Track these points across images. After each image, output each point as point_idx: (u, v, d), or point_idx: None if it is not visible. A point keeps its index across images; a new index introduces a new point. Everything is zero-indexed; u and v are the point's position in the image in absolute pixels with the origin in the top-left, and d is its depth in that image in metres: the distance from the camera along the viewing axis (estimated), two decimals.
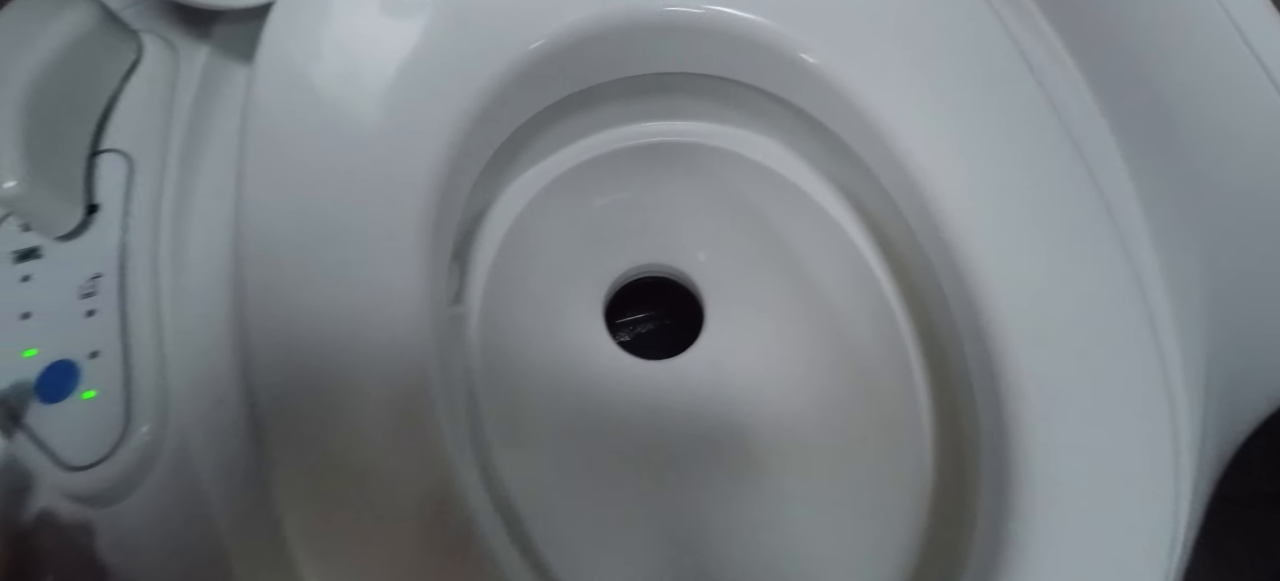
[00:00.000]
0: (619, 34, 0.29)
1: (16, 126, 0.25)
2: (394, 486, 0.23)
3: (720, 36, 0.29)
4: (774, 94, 0.31)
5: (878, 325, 0.35)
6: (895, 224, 0.32)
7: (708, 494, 0.35)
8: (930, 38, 0.28)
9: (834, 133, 0.30)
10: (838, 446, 0.35)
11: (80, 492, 0.25)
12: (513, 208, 0.39)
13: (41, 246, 0.28)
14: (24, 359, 0.26)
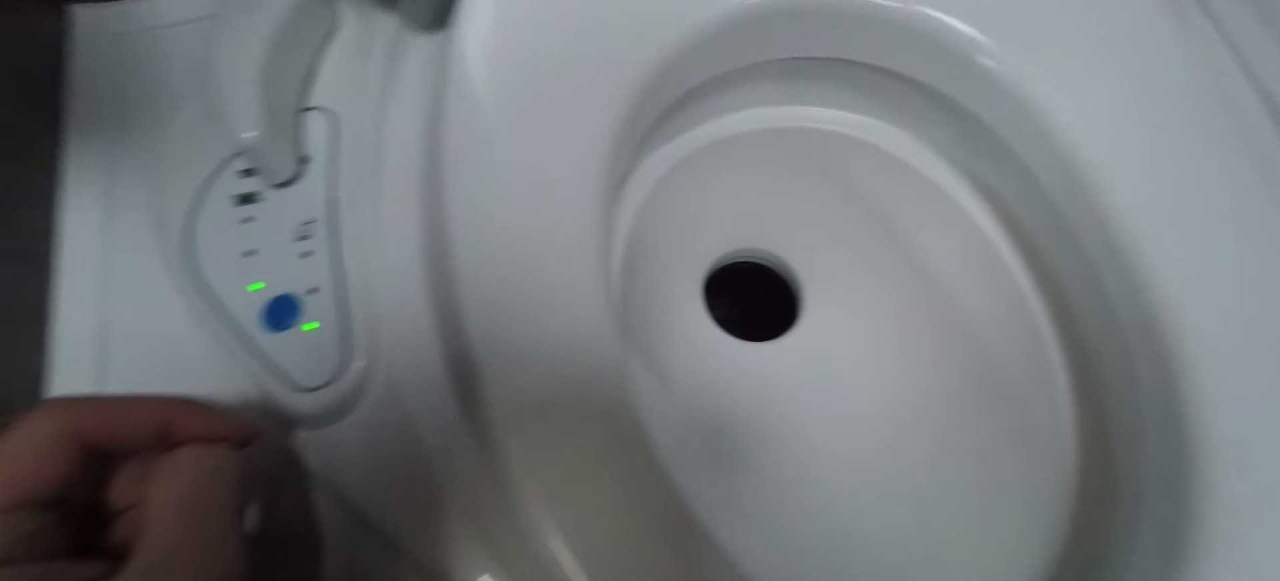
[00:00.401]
0: (815, 15, 0.30)
1: (258, 85, 0.28)
2: (586, 409, 0.26)
3: (904, 31, 0.30)
4: (939, 90, 0.32)
5: (1014, 332, 0.35)
6: (1050, 229, 0.32)
7: (797, 479, 0.36)
8: (1115, 40, 0.29)
9: (993, 131, 0.31)
10: (956, 447, 0.35)
11: (305, 411, 0.28)
12: (650, 178, 0.41)
13: (259, 192, 0.31)
14: (250, 291, 0.29)
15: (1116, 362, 0.28)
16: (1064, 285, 0.33)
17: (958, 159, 0.37)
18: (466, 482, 0.27)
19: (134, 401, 0.22)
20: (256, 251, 0.30)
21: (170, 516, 0.20)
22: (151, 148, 0.33)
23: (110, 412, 0.21)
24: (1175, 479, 0.24)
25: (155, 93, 0.35)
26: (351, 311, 0.29)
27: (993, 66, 0.28)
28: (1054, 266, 0.33)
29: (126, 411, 0.21)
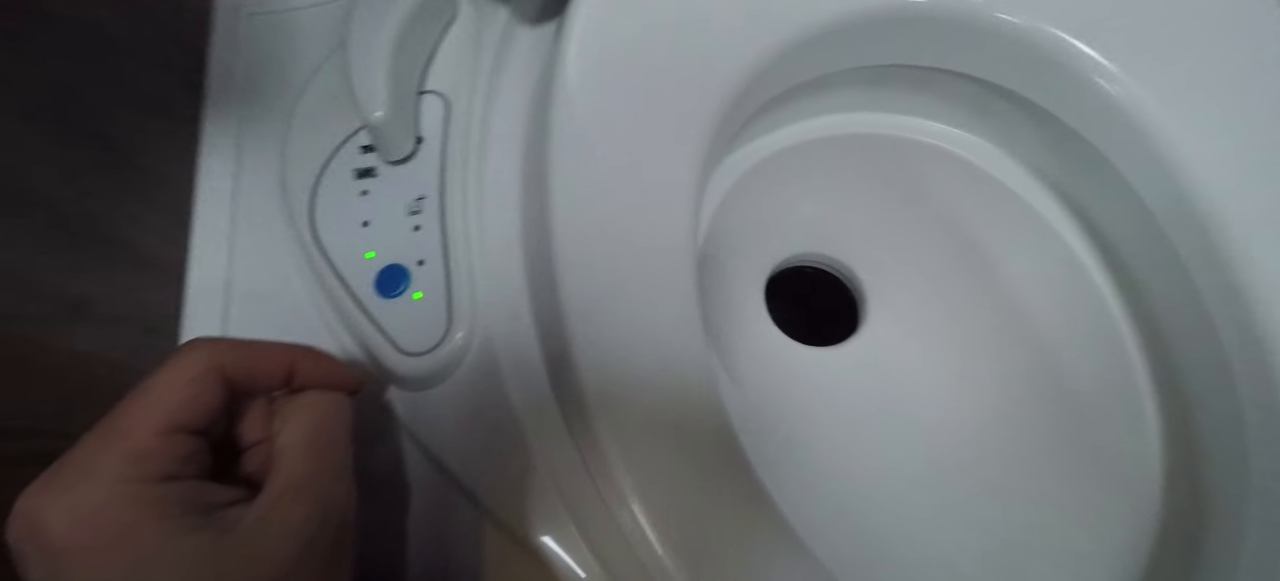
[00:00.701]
0: (931, 23, 0.30)
1: (387, 68, 0.30)
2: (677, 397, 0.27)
3: (1022, 47, 0.30)
4: (1042, 106, 0.32)
5: (1098, 354, 0.35)
6: (1148, 252, 0.32)
7: (845, 486, 0.36)
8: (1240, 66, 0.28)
9: (1098, 150, 0.31)
10: (1021, 467, 0.34)
11: (406, 374, 0.30)
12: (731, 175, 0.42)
13: (377, 168, 0.33)
14: (365, 259, 0.32)
15: (1215, 387, 0.28)
16: (1157, 308, 0.32)
17: (1051, 176, 0.37)
18: (552, 451, 0.29)
19: (268, 345, 0.24)
20: (371, 223, 0.32)
21: (299, 450, 0.22)
22: (280, 119, 0.35)
23: (249, 353, 0.23)
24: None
25: (285, 70, 0.38)
26: (454, 285, 0.31)
27: (1110, 90, 0.28)
28: (1148, 290, 0.33)
29: (263, 353, 0.24)
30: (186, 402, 0.21)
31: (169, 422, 0.20)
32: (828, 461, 0.37)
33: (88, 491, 0.18)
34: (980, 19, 0.29)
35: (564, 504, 0.28)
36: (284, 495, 0.21)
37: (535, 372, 0.30)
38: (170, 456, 0.20)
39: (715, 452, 0.26)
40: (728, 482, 0.26)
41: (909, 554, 0.34)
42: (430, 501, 0.30)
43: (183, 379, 0.21)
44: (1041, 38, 0.29)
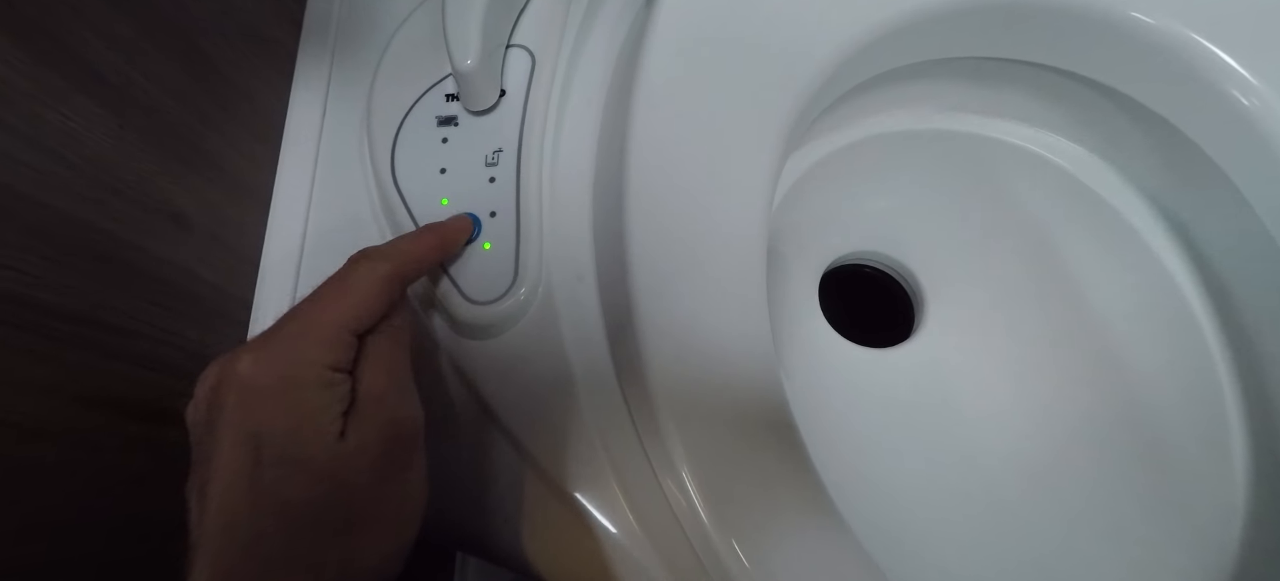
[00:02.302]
0: (1063, 16, 0.28)
1: (481, 17, 0.31)
2: (740, 383, 0.26)
3: (1152, 50, 0.28)
4: (1157, 113, 0.30)
5: (1187, 390, 0.33)
6: (1261, 281, 0.29)
7: (917, 487, 0.35)
8: None
9: (1217, 165, 0.28)
10: (1079, 499, 0.33)
11: (472, 321, 0.30)
12: (805, 162, 0.41)
13: (458, 116, 0.34)
14: (441, 205, 0.32)
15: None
16: (1264, 347, 0.30)
17: (1152, 189, 0.34)
18: (602, 412, 0.29)
19: (420, 240, 0.28)
20: (448, 170, 0.33)
21: (375, 372, 0.24)
22: (371, 60, 0.36)
23: (414, 260, 0.27)
24: None
25: (379, 12, 0.39)
26: (524, 240, 0.31)
27: (1245, 102, 0.26)
28: (1254, 324, 0.30)
29: (420, 253, 0.27)
30: (368, 310, 0.24)
31: (354, 324, 0.24)
32: (862, 463, 0.36)
33: (285, 359, 0.22)
34: (1112, 15, 0.27)
35: (609, 462, 0.28)
36: (370, 398, 0.24)
37: (594, 334, 0.30)
38: (346, 350, 0.23)
39: (773, 439, 0.26)
40: (783, 469, 0.25)
41: (939, 565, 0.33)
42: (482, 451, 0.31)
43: (367, 287, 0.24)
44: (1176, 40, 0.27)
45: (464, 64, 0.31)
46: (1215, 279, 0.32)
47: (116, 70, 0.25)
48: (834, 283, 0.44)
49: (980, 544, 0.34)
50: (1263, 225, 0.27)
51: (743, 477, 0.25)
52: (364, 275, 0.24)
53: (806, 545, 0.25)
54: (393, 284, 0.25)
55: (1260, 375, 0.29)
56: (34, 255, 0.23)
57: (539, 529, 0.29)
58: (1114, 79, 0.30)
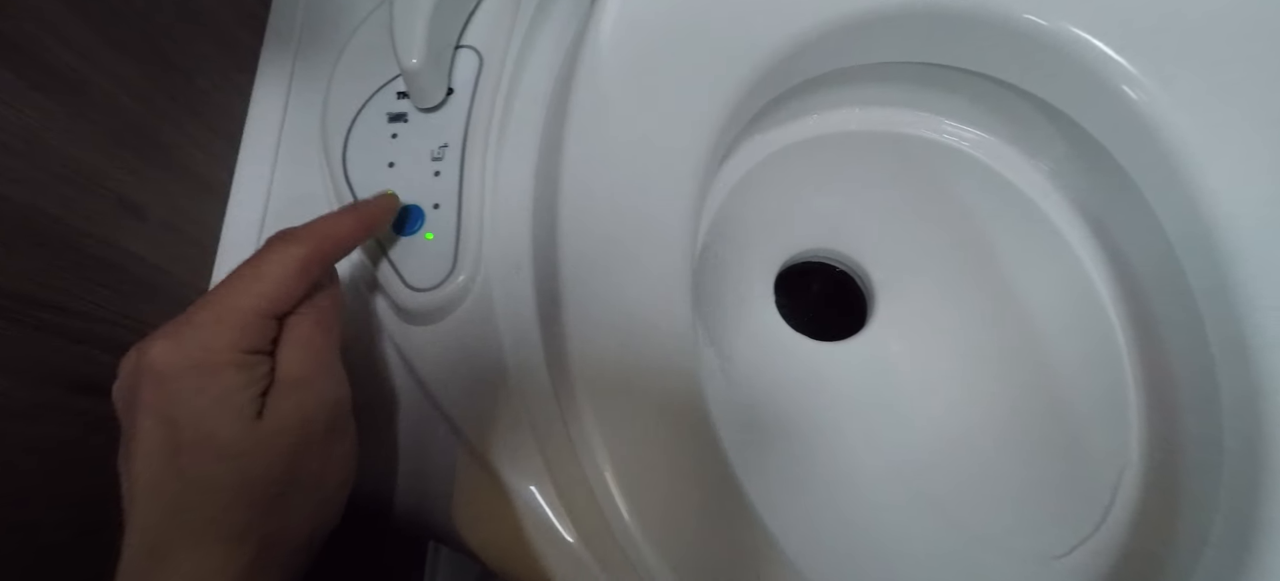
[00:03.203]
0: (959, 21, 0.30)
1: (427, 18, 0.32)
2: (657, 368, 0.28)
3: (1048, 51, 0.29)
4: (1067, 113, 0.31)
5: (1095, 370, 0.34)
6: (1158, 269, 0.31)
7: (853, 475, 0.36)
8: (1261, 82, 0.27)
9: (1118, 162, 0.30)
10: (997, 479, 0.34)
11: (412, 307, 0.32)
12: (748, 161, 0.42)
13: (408, 113, 0.35)
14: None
15: (1206, 438, 0.27)
16: (1167, 346, 0.31)
17: (1074, 190, 0.36)
18: (535, 401, 0.30)
19: (339, 220, 0.28)
20: (396, 164, 0.34)
21: (295, 353, 0.25)
22: (329, 62, 0.38)
23: (333, 242, 0.27)
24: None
25: (343, 11, 0.40)
26: (464, 230, 0.33)
27: (1137, 99, 0.27)
28: (1157, 323, 0.31)
29: (340, 233, 0.28)
30: (283, 293, 0.25)
31: (268, 308, 0.24)
32: (820, 451, 0.38)
33: (197, 345, 0.23)
34: (1008, 18, 0.29)
35: (536, 443, 0.30)
36: (290, 381, 0.25)
37: (528, 323, 0.32)
38: (262, 333, 0.24)
39: (688, 429, 0.27)
40: (697, 460, 0.27)
41: (882, 543, 0.35)
42: (419, 429, 0.32)
43: (283, 271, 0.25)
44: (1068, 40, 0.28)
45: (409, 63, 0.32)
46: (1128, 274, 0.33)
47: (72, 69, 0.27)
48: (793, 278, 0.46)
49: (909, 514, 0.35)
50: (1159, 222, 0.28)
51: (653, 459, 0.27)
52: (278, 258, 0.25)
53: (711, 528, 0.26)
54: (310, 265, 0.26)
55: (1162, 366, 0.31)
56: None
57: (469, 504, 0.30)
58: (1027, 82, 0.31)
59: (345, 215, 0.29)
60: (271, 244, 0.26)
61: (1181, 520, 0.26)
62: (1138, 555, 0.29)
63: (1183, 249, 0.27)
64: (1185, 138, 0.26)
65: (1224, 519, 0.24)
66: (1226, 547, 0.23)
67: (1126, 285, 0.33)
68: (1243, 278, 0.25)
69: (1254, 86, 0.27)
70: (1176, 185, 0.27)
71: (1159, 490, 0.29)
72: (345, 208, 0.30)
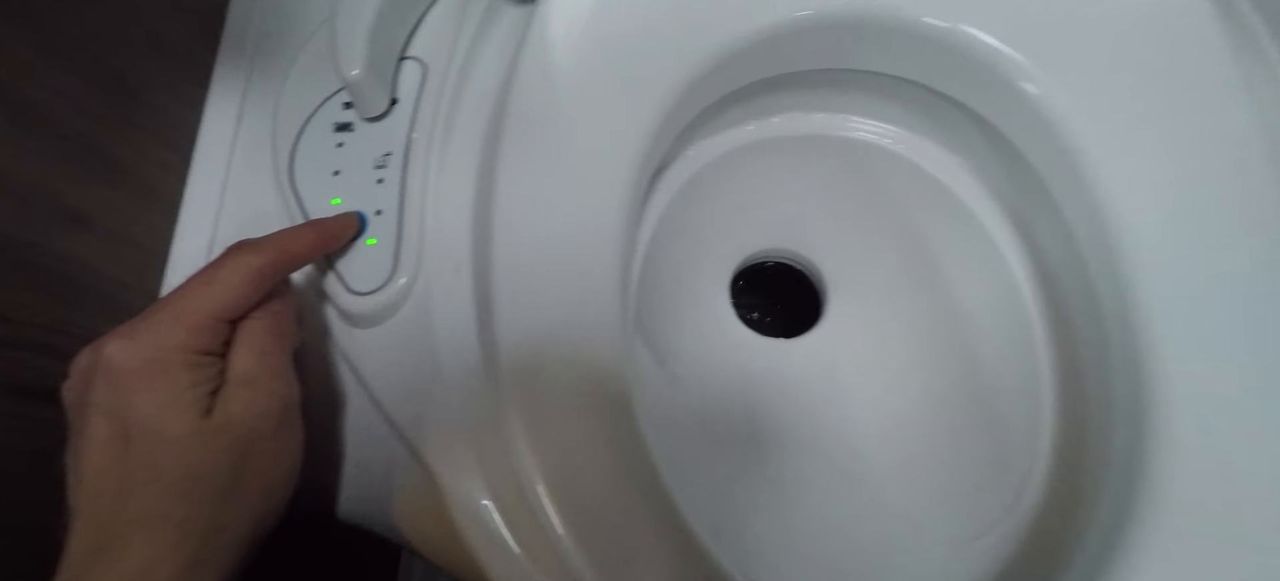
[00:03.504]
0: (862, 28, 0.31)
1: (367, 30, 0.33)
2: (583, 369, 0.29)
3: (954, 53, 0.30)
4: (979, 113, 0.32)
5: (1014, 355, 0.36)
6: (1065, 260, 0.32)
7: (799, 462, 0.37)
8: (1155, 78, 0.28)
9: (1028, 160, 0.31)
10: (931, 460, 0.36)
11: (353, 311, 0.33)
12: (690, 167, 0.43)
13: (354, 123, 0.36)
14: (332, 204, 0.35)
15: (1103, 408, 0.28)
16: (1077, 334, 0.32)
17: (995, 186, 0.37)
18: (471, 402, 0.31)
19: (298, 235, 0.30)
20: (341, 172, 0.35)
21: (245, 354, 0.27)
22: (282, 73, 0.39)
23: (287, 253, 0.28)
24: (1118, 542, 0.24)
25: (298, 25, 0.42)
26: (405, 235, 0.34)
27: (1036, 94, 0.28)
28: (1070, 312, 0.33)
29: (298, 247, 0.29)
30: (237, 298, 0.26)
31: (221, 312, 0.26)
32: (770, 445, 0.39)
33: (151, 345, 0.24)
34: (909, 22, 0.30)
35: (472, 442, 0.30)
36: (242, 381, 0.26)
37: (466, 325, 0.33)
38: (214, 335, 0.26)
39: (618, 433, 0.28)
40: (626, 464, 0.28)
41: (820, 531, 0.36)
42: (364, 429, 0.33)
43: (237, 278, 0.26)
44: (965, 40, 0.29)
45: (350, 73, 0.33)
46: (1044, 267, 0.34)
47: (13, 84, 0.28)
48: (750, 278, 0.47)
49: (850, 511, 0.36)
50: (1062, 214, 0.29)
51: (582, 463, 0.27)
52: (235, 266, 0.27)
53: (632, 525, 0.27)
54: (265, 275, 0.27)
55: (1073, 357, 0.32)
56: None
57: (408, 501, 0.31)
58: (938, 83, 0.32)
59: (305, 230, 0.31)
60: (230, 252, 0.27)
61: (1081, 507, 0.27)
62: (1043, 536, 0.29)
63: (1086, 242, 0.28)
64: (1083, 132, 0.27)
65: (1108, 509, 0.25)
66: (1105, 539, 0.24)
67: (1043, 277, 0.34)
68: (1137, 274, 0.26)
69: (1144, 83, 0.28)
70: (1076, 178, 0.28)
71: (1064, 478, 0.30)
72: (306, 223, 0.32)
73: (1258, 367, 0.25)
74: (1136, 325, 0.25)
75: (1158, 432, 0.24)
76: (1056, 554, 0.27)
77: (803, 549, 0.36)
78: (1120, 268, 0.26)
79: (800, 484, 0.38)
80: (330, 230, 0.32)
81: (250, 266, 0.27)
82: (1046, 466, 0.31)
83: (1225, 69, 0.27)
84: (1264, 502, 0.23)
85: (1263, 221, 0.25)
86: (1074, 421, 0.31)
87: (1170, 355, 0.25)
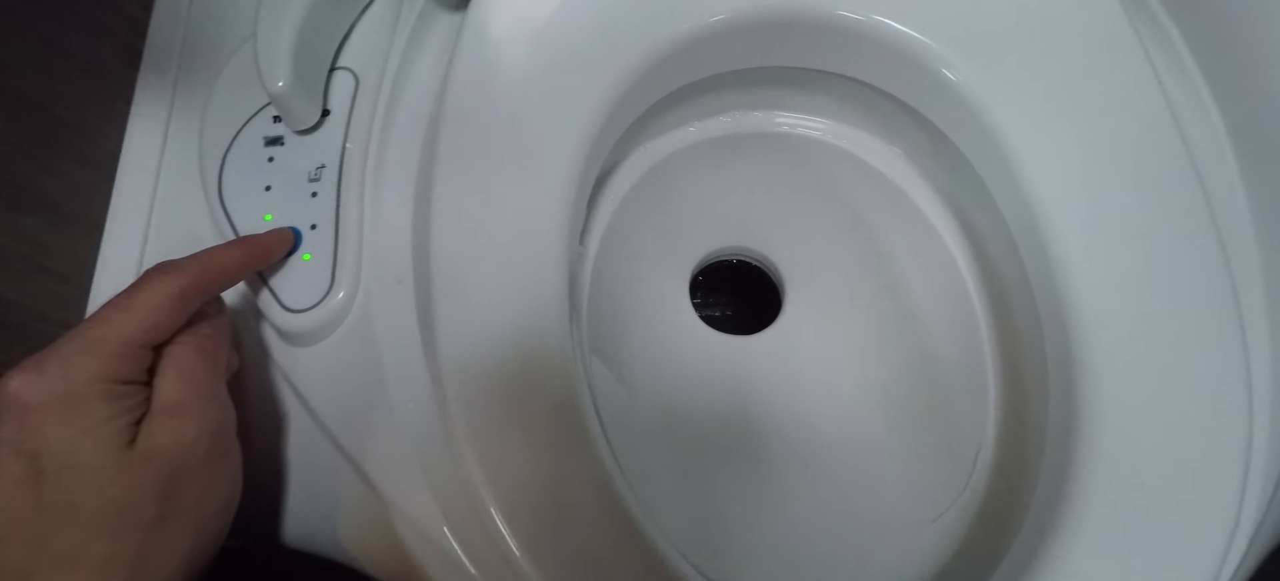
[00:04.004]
0: (783, 26, 0.32)
1: (290, 42, 0.32)
2: (527, 373, 0.28)
3: (873, 44, 0.31)
4: (907, 103, 0.33)
5: (960, 339, 0.37)
6: (999, 241, 0.33)
7: (764, 457, 0.38)
8: (1070, 60, 0.29)
9: (957, 146, 0.32)
10: (889, 448, 0.36)
11: (290, 329, 0.32)
12: (636, 171, 0.43)
13: (285, 136, 0.35)
14: (264, 221, 0.34)
15: (1040, 383, 0.28)
16: (1015, 320, 0.33)
17: (932, 175, 0.38)
18: (416, 415, 0.31)
19: (223, 252, 0.29)
20: (273, 187, 0.34)
21: (169, 381, 0.26)
22: (208, 88, 0.38)
23: (210, 274, 0.27)
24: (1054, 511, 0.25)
25: (221, 42, 0.40)
26: (341, 248, 0.33)
27: (957, 81, 0.29)
28: (1008, 297, 0.34)
29: (224, 264, 0.28)
30: (157, 325, 0.25)
31: (140, 338, 0.25)
32: (732, 441, 0.39)
33: (62, 377, 0.23)
34: (824, 17, 0.30)
35: (417, 456, 0.30)
36: (168, 408, 0.25)
37: (409, 334, 0.32)
38: (133, 362, 0.25)
39: (568, 441, 0.28)
40: (581, 478, 0.27)
41: (786, 524, 0.36)
42: (308, 450, 0.32)
43: (157, 301, 0.25)
44: (883, 31, 0.30)
45: (274, 86, 0.32)
46: (983, 254, 0.35)
47: None
48: (711, 276, 0.47)
49: (813, 502, 0.37)
50: (992, 198, 0.30)
51: (533, 472, 0.27)
52: (154, 289, 0.25)
53: (591, 536, 0.26)
54: (187, 296, 0.26)
55: (1014, 344, 0.33)
56: None
57: (355, 522, 0.30)
58: (866, 75, 0.33)
59: (231, 248, 0.29)
60: (147, 275, 0.26)
61: (1024, 482, 0.28)
62: (992, 513, 0.30)
63: (1015, 225, 0.29)
64: (1005, 117, 0.28)
65: (1041, 492, 0.26)
66: (1040, 520, 0.25)
67: (982, 261, 0.35)
68: (1063, 255, 0.27)
69: (1058, 69, 0.29)
70: (1003, 163, 0.28)
71: (1009, 456, 0.31)
72: (234, 240, 0.31)
73: (1176, 336, 0.26)
74: (1065, 304, 0.26)
75: (1088, 407, 0.25)
76: (1004, 529, 0.28)
77: (767, 543, 0.36)
78: (1048, 249, 0.27)
79: (765, 480, 0.38)
80: (261, 246, 0.31)
81: (170, 288, 0.26)
82: (993, 446, 0.32)
83: (1133, 55, 0.28)
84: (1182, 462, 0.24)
85: (1175, 200, 0.27)
86: (1015, 402, 0.32)
87: (1097, 332, 0.26)
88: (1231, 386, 0.25)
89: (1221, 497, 0.23)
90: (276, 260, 0.32)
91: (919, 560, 0.33)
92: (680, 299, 0.42)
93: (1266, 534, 0.25)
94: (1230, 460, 0.24)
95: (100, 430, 0.23)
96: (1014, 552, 0.26)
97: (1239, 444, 0.24)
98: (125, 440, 0.24)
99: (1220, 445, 0.24)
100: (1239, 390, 0.25)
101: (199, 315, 0.27)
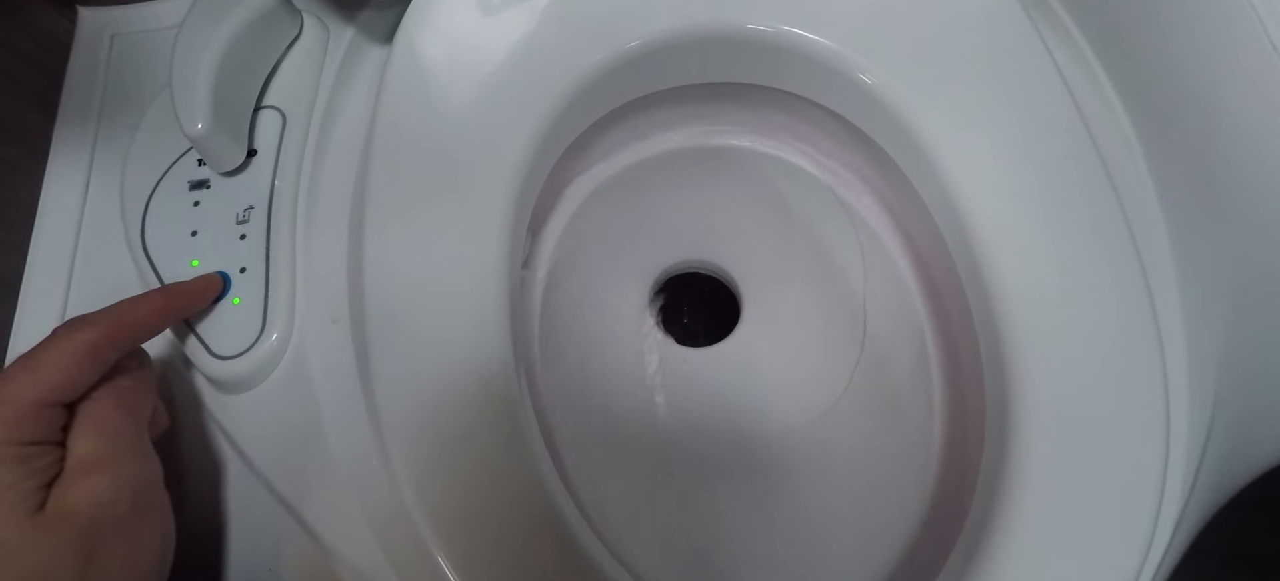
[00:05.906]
0: (699, 45, 0.32)
1: (208, 83, 0.32)
2: (468, 404, 0.28)
3: (787, 54, 0.32)
4: (835, 111, 0.34)
5: (908, 347, 0.37)
6: (929, 236, 0.33)
7: (721, 464, 0.38)
8: (978, 63, 0.30)
9: (882, 148, 0.32)
10: (851, 442, 0.36)
11: (221, 377, 0.31)
12: (582, 192, 0.43)
13: (210, 179, 0.34)
14: (190, 267, 0.33)
15: (974, 363, 0.29)
16: (953, 323, 0.34)
17: (868, 179, 0.39)
18: (356, 459, 0.30)
19: (140, 303, 0.28)
20: (199, 232, 0.33)
21: (85, 439, 0.25)
22: (130, 136, 0.37)
23: (124, 327, 0.26)
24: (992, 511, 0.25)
25: (142, 88, 0.39)
26: (272, 291, 0.32)
27: (870, 83, 0.30)
28: (944, 299, 0.34)
29: (141, 316, 0.27)
30: (66, 381, 0.24)
31: (48, 396, 0.24)
32: (691, 454, 0.38)
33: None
34: (735, 31, 0.31)
35: (359, 499, 0.29)
36: (83, 466, 0.24)
37: (346, 374, 0.31)
38: (44, 423, 0.24)
39: (515, 480, 0.27)
40: (531, 514, 0.27)
41: (739, 534, 0.36)
42: (245, 500, 0.31)
43: (64, 358, 0.24)
44: (793, 40, 0.31)
45: (194, 129, 0.31)
46: (920, 257, 0.36)
47: None
48: (672, 290, 0.47)
49: (765, 513, 0.37)
50: (920, 199, 0.31)
51: (479, 512, 0.26)
52: (62, 346, 0.24)
53: (535, 571, 0.26)
54: (100, 350, 0.25)
55: (953, 347, 0.33)
56: None
57: (297, 573, 0.29)
58: (790, 85, 0.33)
59: (150, 297, 0.28)
60: (57, 331, 0.25)
61: (965, 490, 0.28)
62: (937, 521, 0.31)
63: (942, 223, 0.30)
64: (922, 118, 0.29)
65: (980, 490, 0.26)
66: (975, 527, 0.26)
67: (919, 261, 0.36)
68: (986, 245, 0.28)
69: (967, 70, 0.30)
70: (925, 163, 0.29)
71: (953, 462, 0.32)
72: (155, 290, 0.30)
73: (1097, 324, 0.27)
74: (991, 295, 0.27)
75: (1018, 401, 0.25)
76: (953, 526, 0.28)
77: (729, 555, 0.36)
78: (971, 240, 0.27)
79: (727, 491, 0.38)
80: (185, 293, 0.30)
81: (81, 344, 0.25)
82: (940, 453, 0.32)
83: (1038, 55, 0.29)
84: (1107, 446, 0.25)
85: (1085, 191, 0.28)
86: (957, 408, 0.32)
87: (1022, 324, 0.26)
88: (1149, 370, 0.26)
89: (1146, 477, 0.24)
90: (204, 306, 0.31)
91: (877, 564, 0.33)
92: (640, 313, 0.42)
93: (1193, 513, 0.26)
94: (1152, 441, 0.25)
95: (6, 496, 0.22)
96: (958, 549, 0.26)
97: (1159, 422, 0.25)
98: (34, 504, 0.23)
99: (1143, 429, 0.25)
100: (1155, 369, 0.26)
101: (118, 368, 0.26)
